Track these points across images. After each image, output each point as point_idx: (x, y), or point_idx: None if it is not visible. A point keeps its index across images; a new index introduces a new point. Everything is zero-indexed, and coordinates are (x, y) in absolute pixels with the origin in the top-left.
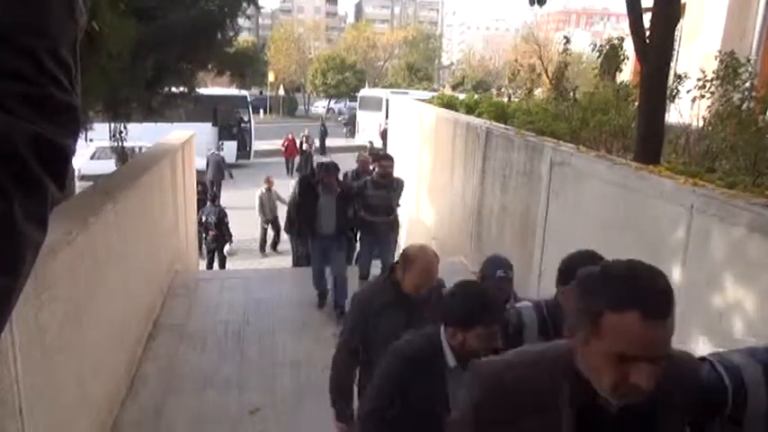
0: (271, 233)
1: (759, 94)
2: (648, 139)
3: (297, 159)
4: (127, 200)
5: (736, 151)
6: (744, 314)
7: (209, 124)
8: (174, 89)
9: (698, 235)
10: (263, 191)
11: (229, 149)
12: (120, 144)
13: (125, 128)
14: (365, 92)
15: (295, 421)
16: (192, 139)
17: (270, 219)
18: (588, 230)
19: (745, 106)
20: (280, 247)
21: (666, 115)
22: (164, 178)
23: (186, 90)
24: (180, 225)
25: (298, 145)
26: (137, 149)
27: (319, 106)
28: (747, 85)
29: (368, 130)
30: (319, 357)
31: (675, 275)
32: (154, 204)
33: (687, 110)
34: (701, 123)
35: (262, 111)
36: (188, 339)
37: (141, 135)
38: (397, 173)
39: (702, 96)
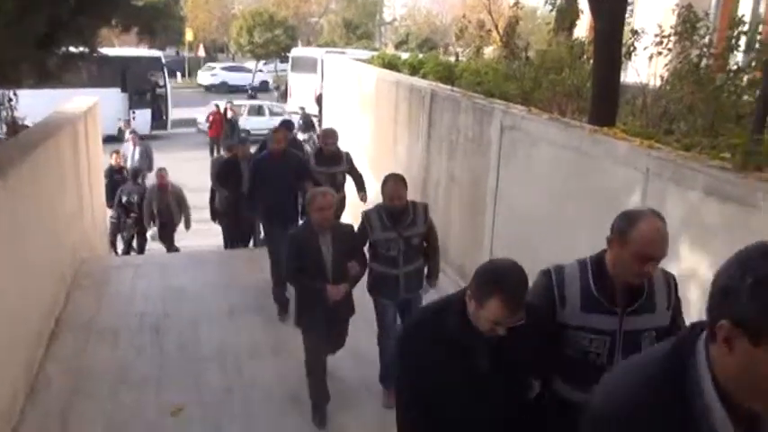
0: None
1: (717, 50)
2: (603, 100)
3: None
4: (19, 178)
5: (694, 111)
6: (700, 281)
7: (118, 90)
8: (72, 49)
9: (653, 200)
10: (155, 187)
11: (143, 119)
12: (9, 114)
13: (15, 95)
14: (297, 51)
15: (223, 420)
16: (97, 108)
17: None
18: (541, 198)
19: (703, 64)
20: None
21: (623, 74)
22: (63, 153)
23: (87, 50)
24: (85, 207)
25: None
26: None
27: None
28: (705, 41)
29: (301, 95)
30: (248, 348)
31: None
32: (52, 183)
33: (644, 68)
34: (658, 83)
35: (179, 74)
36: (97, 335)
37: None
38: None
39: (660, 54)
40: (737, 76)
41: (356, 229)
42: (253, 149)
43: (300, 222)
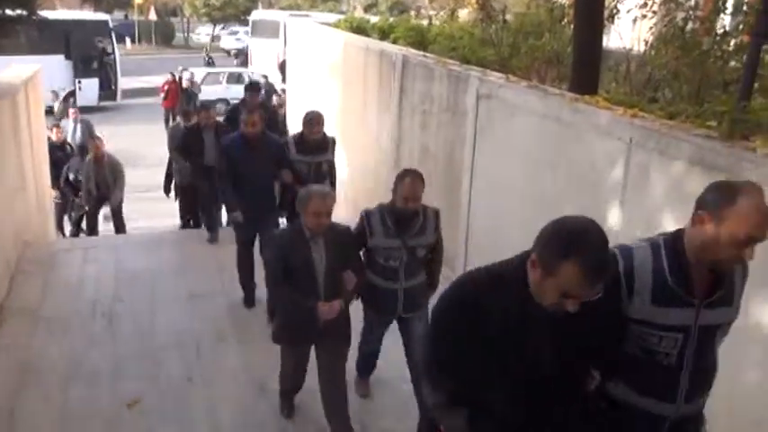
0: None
1: (704, 13)
2: (585, 67)
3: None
4: None
5: (679, 78)
6: None
7: (61, 57)
8: (9, 12)
9: (637, 171)
10: (90, 159)
11: (89, 89)
12: None
13: None
14: (258, 15)
15: (185, 411)
16: (38, 77)
17: (92, 203)
18: (520, 171)
19: (689, 27)
20: (156, 206)
21: (605, 39)
22: (1, 126)
23: (26, 13)
24: (28, 186)
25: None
26: None
27: (202, 33)
28: (691, 2)
29: (263, 62)
30: (211, 334)
31: (613, 217)
32: None
33: (628, 32)
34: (642, 47)
35: (129, 40)
36: (44, 324)
37: None
38: (298, 113)
39: (644, 16)
40: (724, 40)
41: (352, 230)
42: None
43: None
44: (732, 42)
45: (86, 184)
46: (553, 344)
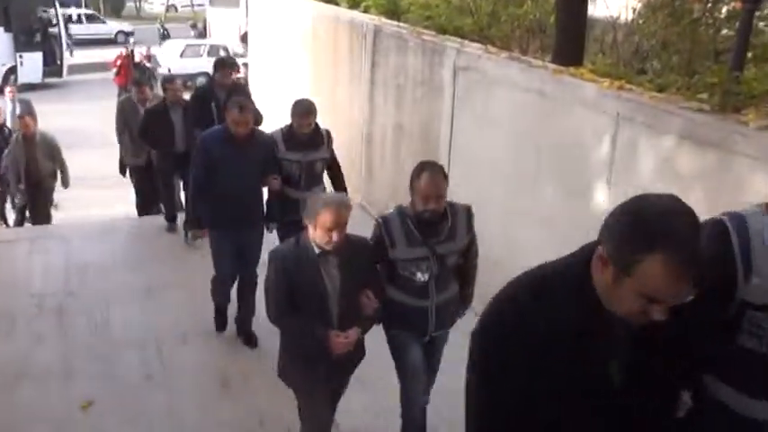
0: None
1: None
2: (569, 37)
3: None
4: None
5: (669, 48)
6: None
7: (0, 29)
8: None
9: (624, 147)
10: (18, 138)
11: (32, 64)
12: None
13: None
14: None
15: (144, 412)
16: None
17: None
18: (501, 148)
19: None
20: (109, 192)
21: (591, 6)
22: None
23: None
24: None
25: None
26: None
27: (155, 2)
28: None
29: (223, 34)
30: (171, 330)
31: (601, 197)
32: None
33: (615, 0)
34: (630, 15)
35: (75, 9)
36: None
37: None
38: (262, 89)
39: None
40: (716, 6)
41: (370, 240)
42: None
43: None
44: (724, 9)
45: (14, 167)
46: (634, 365)
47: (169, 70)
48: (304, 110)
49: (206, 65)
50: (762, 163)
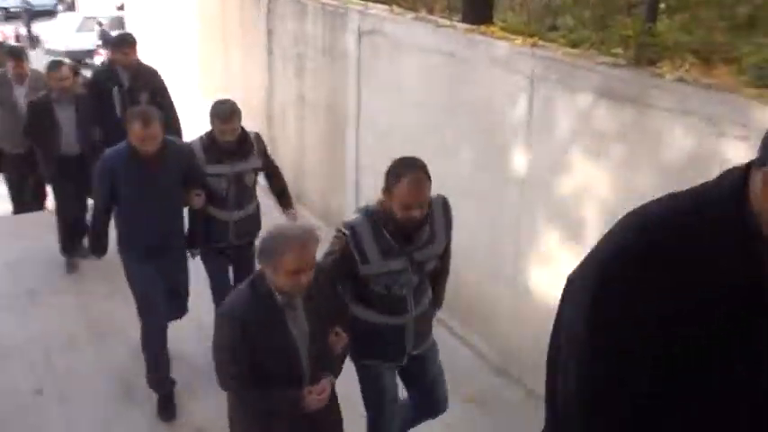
0: None
1: None
2: None
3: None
4: None
5: (581, 2)
6: (596, 194)
7: None
8: None
9: (541, 107)
10: None
11: None
12: None
13: None
14: None
15: (35, 429)
16: None
17: None
18: (413, 117)
19: None
20: None
21: None
22: None
23: None
24: None
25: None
26: None
27: None
28: None
29: (95, 4)
30: (61, 337)
31: (519, 160)
32: None
33: None
34: None
35: None
36: None
37: None
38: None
39: None
40: None
41: (328, 257)
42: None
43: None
44: None
45: None
46: None
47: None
48: (226, 113)
49: (82, 42)
50: (679, 115)
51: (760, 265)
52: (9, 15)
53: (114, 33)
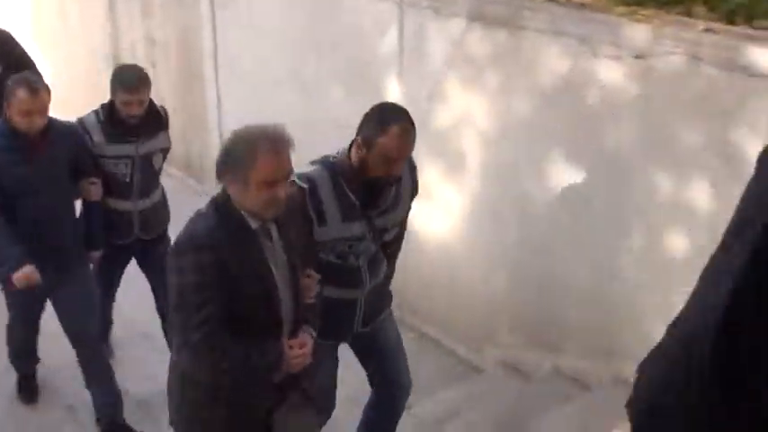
0: None
1: None
2: None
3: None
4: None
5: None
6: (474, 123)
7: None
8: None
9: (412, 35)
10: None
11: None
12: None
13: None
14: None
15: None
16: None
17: None
18: (275, 54)
19: None
20: None
21: None
22: None
23: None
24: None
25: None
26: None
27: None
28: None
29: None
30: None
31: (393, 92)
32: None
33: None
34: None
35: None
36: None
37: None
38: None
39: None
40: None
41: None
42: None
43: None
44: None
45: None
46: None
47: None
48: (133, 81)
49: None
50: (552, 36)
51: None
52: None
53: None
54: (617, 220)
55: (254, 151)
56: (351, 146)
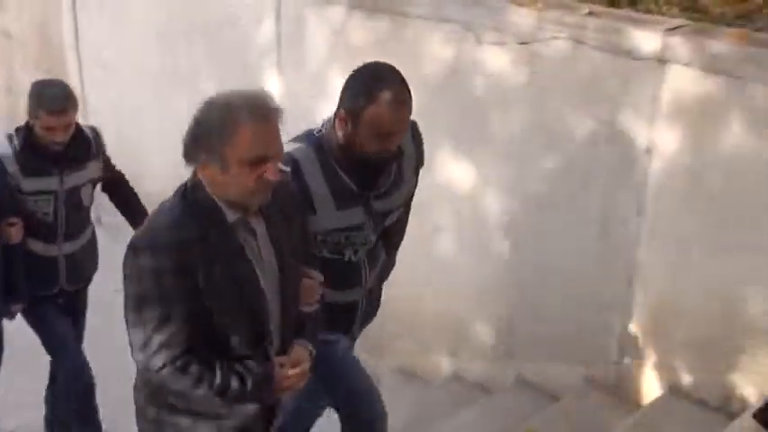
0: None
1: None
2: None
3: None
4: None
5: None
6: None
7: None
8: None
9: (290, 24)
10: None
11: None
12: None
13: None
14: None
15: None
16: None
17: None
18: (143, 44)
19: None
20: None
21: None
22: None
23: None
24: None
25: None
26: None
27: None
28: None
29: None
30: None
31: (273, 86)
32: None
33: None
34: None
35: None
36: None
37: None
38: None
39: None
40: None
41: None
42: None
43: None
44: None
45: None
46: None
47: None
48: (58, 101)
49: None
50: (436, 23)
51: None
52: None
53: None
54: (509, 209)
55: (234, 122)
56: (334, 120)
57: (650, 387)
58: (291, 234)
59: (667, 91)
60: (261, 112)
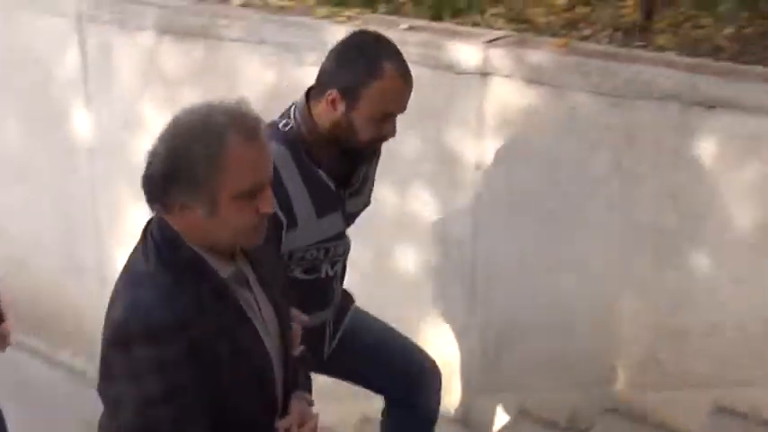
0: None
1: None
2: None
3: None
4: None
5: None
6: None
7: None
8: None
9: (97, 54)
10: None
11: None
12: None
13: None
14: None
15: None
16: None
17: None
18: None
19: None
20: None
21: None
22: None
23: None
24: None
25: None
26: None
27: None
28: None
29: None
30: None
31: (81, 122)
32: None
33: None
34: None
35: None
36: None
37: None
38: None
39: None
40: None
41: None
42: None
43: None
44: None
45: None
46: None
47: None
48: None
49: None
50: (251, 45)
51: None
52: None
53: None
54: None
55: (223, 146)
56: (308, 104)
57: (500, 413)
58: (272, 262)
59: (492, 104)
60: (249, 126)
